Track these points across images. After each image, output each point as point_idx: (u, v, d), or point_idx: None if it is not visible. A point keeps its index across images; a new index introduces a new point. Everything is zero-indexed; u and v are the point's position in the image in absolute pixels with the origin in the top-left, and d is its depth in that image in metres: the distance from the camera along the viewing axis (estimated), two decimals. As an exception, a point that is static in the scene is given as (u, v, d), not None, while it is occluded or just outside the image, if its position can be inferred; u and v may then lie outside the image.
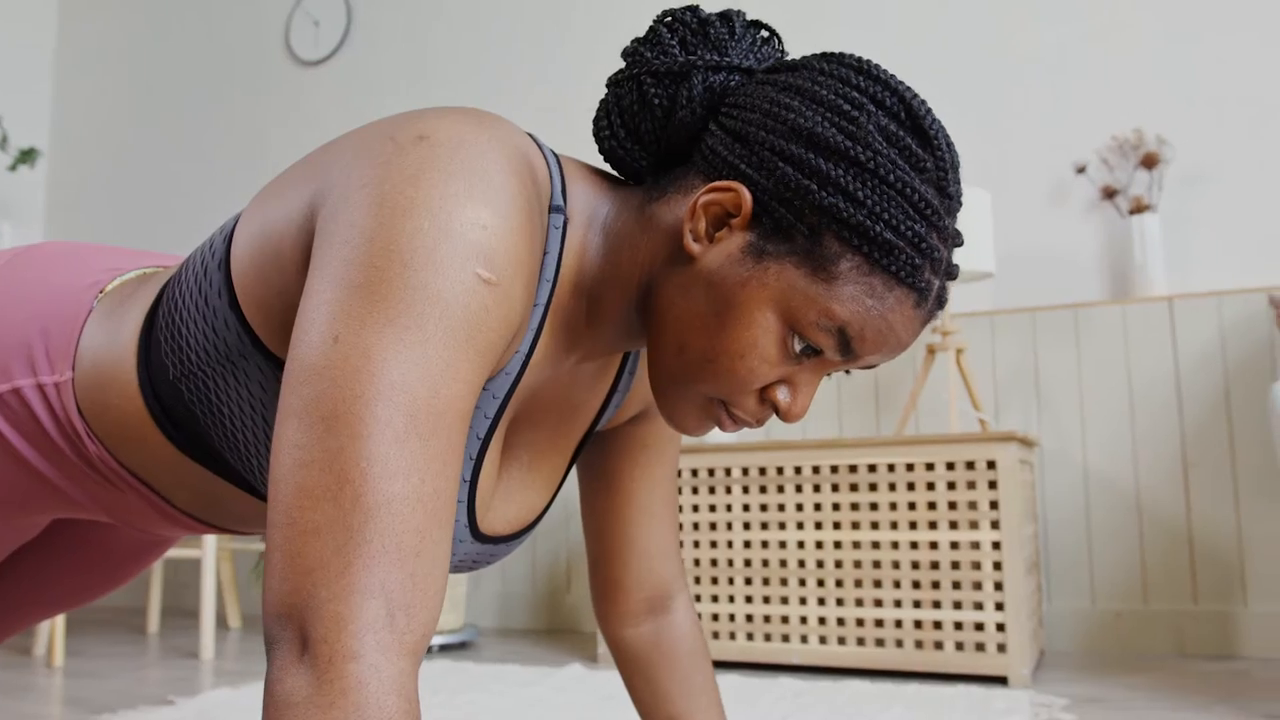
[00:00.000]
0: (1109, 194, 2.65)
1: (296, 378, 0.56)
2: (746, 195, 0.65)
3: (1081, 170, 2.68)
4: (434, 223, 0.57)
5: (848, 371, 0.70)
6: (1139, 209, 2.61)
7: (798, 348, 0.66)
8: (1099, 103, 2.74)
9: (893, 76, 0.67)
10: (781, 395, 0.68)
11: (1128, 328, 2.63)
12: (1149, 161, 2.60)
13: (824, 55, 0.69)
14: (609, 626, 0.95)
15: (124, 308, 0.77)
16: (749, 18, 0.73)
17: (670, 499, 0.94)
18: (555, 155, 0.72)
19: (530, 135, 0.70)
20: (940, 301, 0.68)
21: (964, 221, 2.44)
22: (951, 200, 0.67)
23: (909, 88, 0.67)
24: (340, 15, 3.81)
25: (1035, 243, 2.77)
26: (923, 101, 0.66)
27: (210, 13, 4.09)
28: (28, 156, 3.66)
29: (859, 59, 0.67)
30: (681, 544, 2.45)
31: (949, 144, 0.67)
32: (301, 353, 0.56)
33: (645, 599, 0.94)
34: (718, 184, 0.66)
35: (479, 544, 0.76)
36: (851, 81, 0.66)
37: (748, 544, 2.39)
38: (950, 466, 2.21)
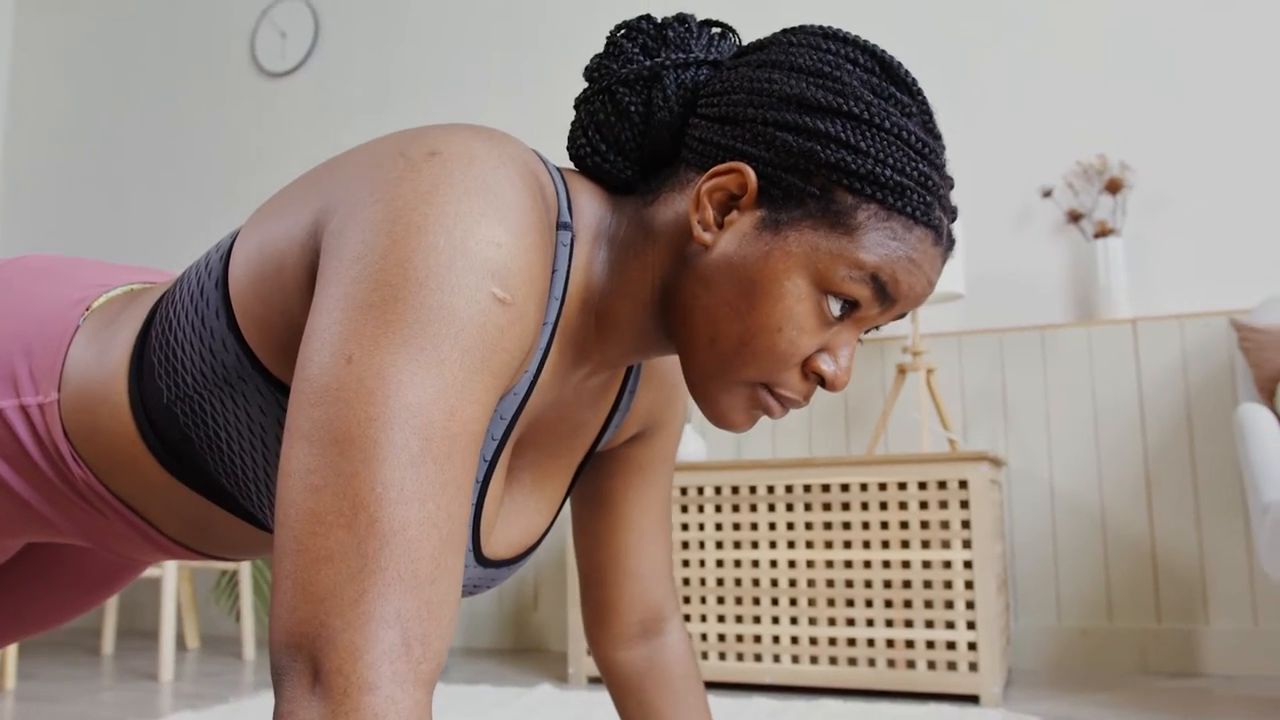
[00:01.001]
0: (1074, 218, 2.70)
1: (307, 399, 0.54)
2: (750, 172, 0.65)
3: (1048, 194, 2.73)
4: (449, 241, 0.56)
5: (876, 328, 0.71)
6: (1103, 233, 2.66)
7: (834, 308, 0.66)
8: (1065, 129, 2.79)
9: (858, 36, 0.69)
10: (825, 364, 0.68)
11: (1093, 349, 2.67)
12: (1113, 186, 2.65)
13: (787, 30, 0.70)
14: (601, 649, 0.94)
15: (113, 327, 0.74)
16: (700, 18, 0.74)
17: (664, 521, 0.93)
18: (559, 170, 0.72)
19: (535, 151, 0.69)
20: (951, 240, 0.70)
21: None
22: (939, 140, 0.69)
23: (875, 43, 0.69)
24: (308, 27, 3.77)
25: (1003, 265, 2.81)
26: (891, 54, 0.68)
27: (174, 23, 4.04)
28: (-17, 165, 3.58)
29: (821, 26, 0.70)
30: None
31: (922, 89, 0.68)
32: (312, 373, 0.55)
33: (638, 621, 0.92)
34: (718, 168, 0.66)
35: (482, 568, 0.74)
36: (822, 46, 0.68)
37: (720, 563, 2.38)
38: (922, 486, 2.22)
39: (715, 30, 0.74)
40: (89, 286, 0.80)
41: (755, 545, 2.35)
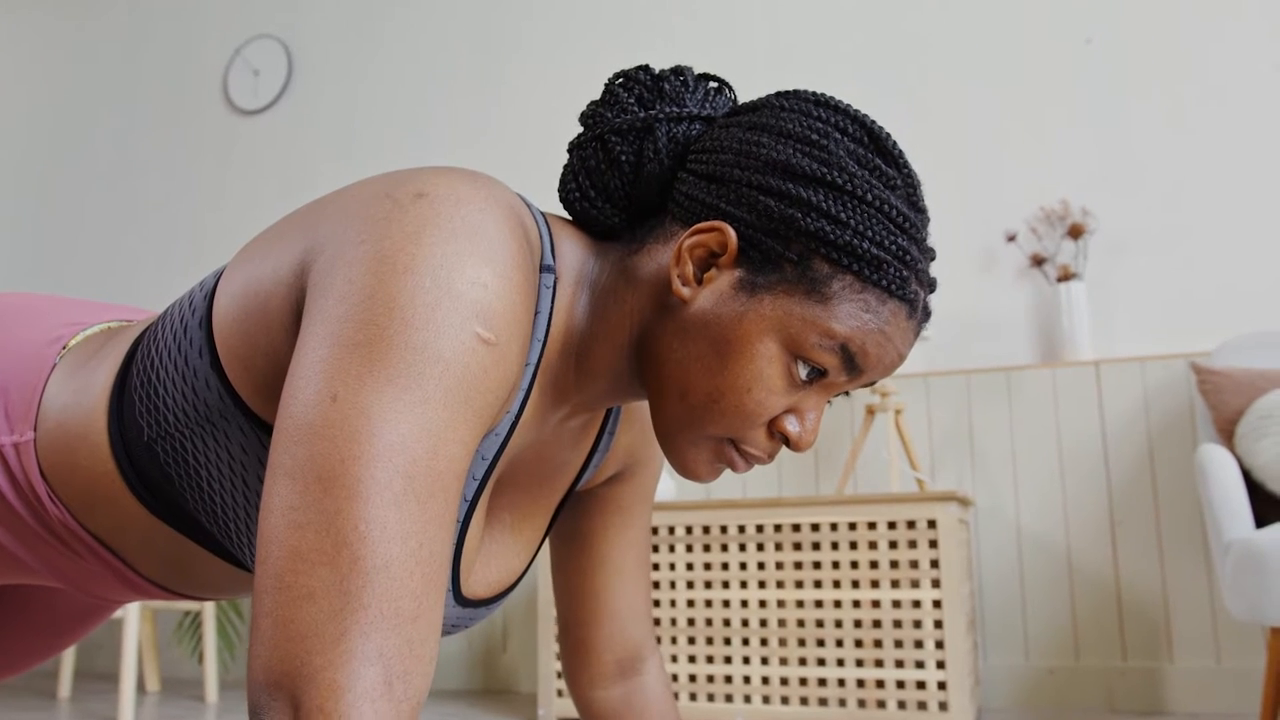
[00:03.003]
0: (1038, 262, 2.75)
1: (291, 436, 0.55)
2: (731, 232, 0.66)
3: (1012, 239, 2.78)
4: (435, 281, 0.57)
5: (847, 393, 0.71)
6: (1066, 277, 2.71)
7: (802, 373, 0.67)
8: (1028, 175, 2.86)
9: (850, 105, 0.70)
10: (790, 425, 0.69)
11: (1057, 390, 2.72)
12: (1075, 232, 2.71)
13: (780, 94, 0.71)
14: (579, 688, 0.94)
15: (91, 365, 0.74)
16: (697, 72, 0.76)
17: (643, 561, 0.93)
18: (543, 214, 0.73)
19: (519, 195, 0.70)
20: (926, 313, 0.70)
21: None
22: (922, 214, 0.70)
23: (866, 114, 0.70)
24: (281, 65, 3.79)
25: (969, 307, 2.85)
26: (881, 125, 0.69)
27: (147, 60, 4.04)
28: (-52, 198, 3.54)
29: (814, 92, 0.70)
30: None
31: (909, 163, 0.70)
32: (296, 410, 0.55)
33: (616, 661, 0.92)
34: (700, 225, 0.67)
35: (461, 608, 0.74)
36: (813, 113, 0.68)
37: (690, 603, 2.38)
38: (891, 525, 2.24)
39: (712, 85, 0.75)
40: (65, 325, 0.80)
41: (725, 585, 2.35)
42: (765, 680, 2.29)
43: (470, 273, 0.58)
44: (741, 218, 0.66)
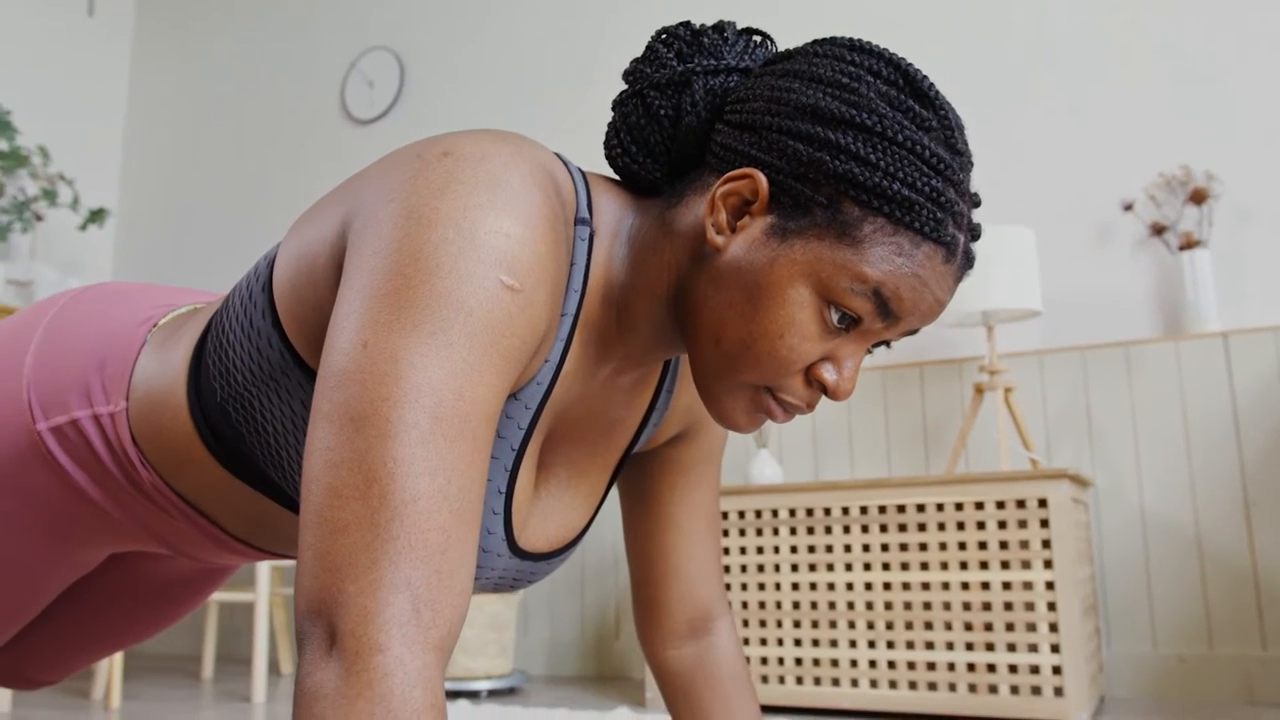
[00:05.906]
0: (1158, 230, 2.62)
1: (328, 383, 0.58)
2: (762, 179, 0.66)
3: (1129, 208, 2.66)
4: (458, 232, 0.59)
5: (888, 345, 0.70)
6: (1189, 245, 2.58)
7: (835, 318, 0.66)
8: (1145, 140, 2.73)
9: (885, 49, 0.69)
10: (828, 373, 0.68)
11: (1181, 365, 2.58)
12: (1198, 197, 2.57)
13: (816, 41, 0.71)
14: (651, 647, 0.95)
15: (175, 337, 0.80)
16: (740, 26, 0.75)
17: (712, 522, 0.94)
18: (582, 171, 0.75)
19: (557, 154, 0.72)
20: (968, 259, 0.69)
21: (1009, 260, 2.43)
22: (962, 156, 0.68)
23: (902, 57, 0.68)
24: (394, 76, 3.94)
25: (1083, 281, 2.74)
26: (918, 69, 0.68)
27: (271, 75, 4.25)
28: (97, 216, 3.80)
29: (850, 38, 0.70)
30: (729, 586, 2.43)
31: (949, 105, 0.68)
32: (332, 359, 0.59)
33: (686, 620, 0.94)
34: (733, 173, 0.67)
35: (518, 560, 0.77)
36: (846, 58, 0.68)
37: (796, 586, 2.36)
38: (1001, 505, 2.18)
39: (755, 39, 0.76)
40: (156, 306, 0.87)
41: (832, 568, 2.32)
42: (873, 664, 2.25)
43: (492, 223, 0.60)
44: (772, 163, 0.66)
